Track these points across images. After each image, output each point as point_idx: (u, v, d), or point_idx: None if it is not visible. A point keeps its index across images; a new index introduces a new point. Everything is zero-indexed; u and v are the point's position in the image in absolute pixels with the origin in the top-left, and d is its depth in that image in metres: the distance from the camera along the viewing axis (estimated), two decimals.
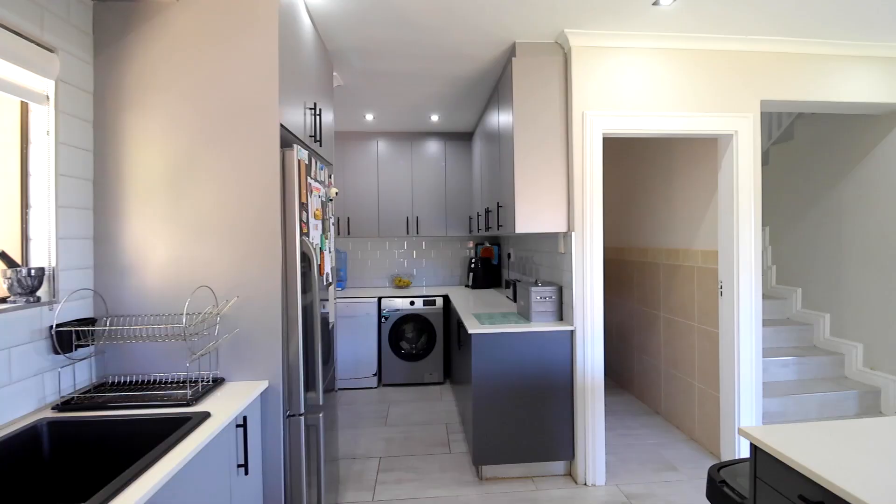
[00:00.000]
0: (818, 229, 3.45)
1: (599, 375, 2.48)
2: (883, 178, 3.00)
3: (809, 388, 2.98)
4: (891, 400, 2.91)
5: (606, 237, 4.30)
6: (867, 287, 3.08)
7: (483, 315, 2.83)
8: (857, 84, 2.71)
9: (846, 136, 3.25)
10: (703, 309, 2.87)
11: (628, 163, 3.92)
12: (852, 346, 3.16)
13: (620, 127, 2.52)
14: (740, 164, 2.60)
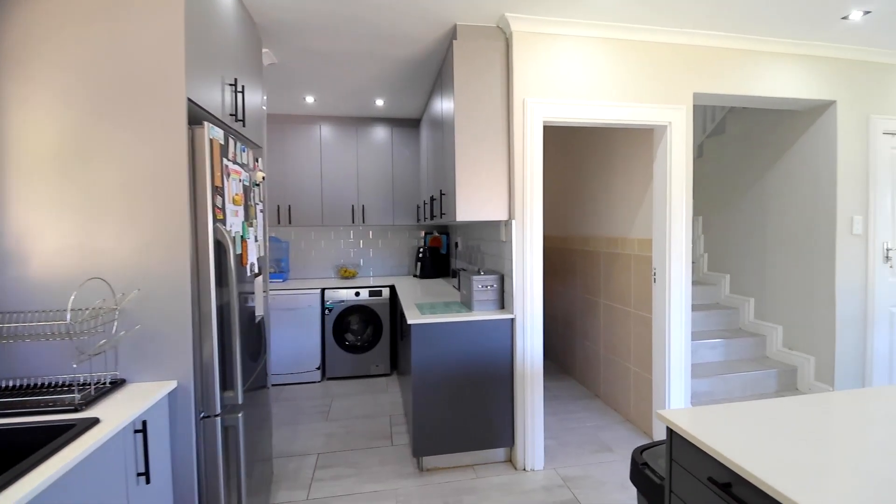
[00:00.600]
0: (745, 219, 3.65)
1: (539, 362, 2.50)
2: (802, 171, 3.19)
3: (734, 369, 3.16)
4: (805, 377, 3.14)
5: (553, 226, 4.36)
6: (787, 273, 3.30)
7: (426, 305, 2.78)
8: (783, 80, 2.85)
9: (772, 130, 3.43)
10: (639, 295, 2.96)
11: (573, 152, 3.97)
12: (773, 328, 3.38)
13: (560, 115, 2.52)
14: (673, 155, 2.68)
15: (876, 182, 3.01)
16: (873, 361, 3.02)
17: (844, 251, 2.97)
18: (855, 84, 2.97)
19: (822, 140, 3.05)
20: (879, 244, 3.03)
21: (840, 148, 2.96)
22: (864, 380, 3.02)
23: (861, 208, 3.00)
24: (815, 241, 3.08)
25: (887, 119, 3.02)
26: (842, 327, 2.98)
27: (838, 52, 2.90)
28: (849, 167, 2.98)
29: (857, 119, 2.98)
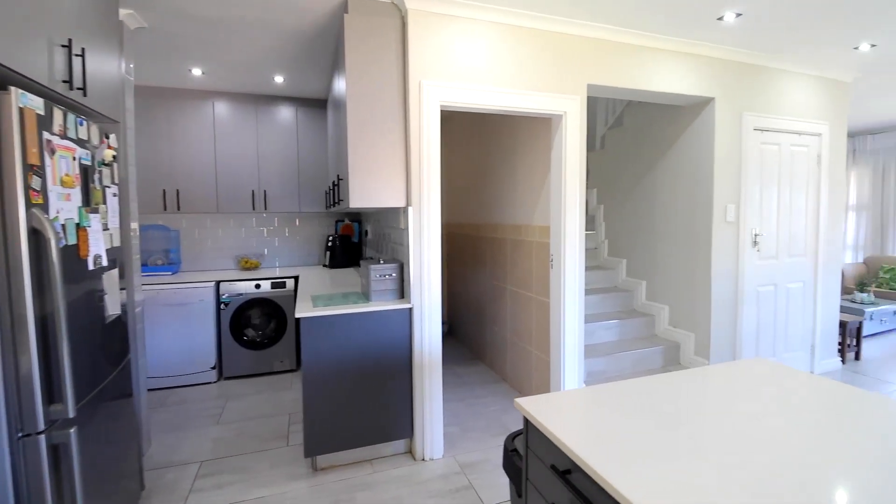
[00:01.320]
0: (639, 208, 3.88)
1: (437, 351, 2.47)
2: (686, 163, 3.44)
3: (627, 347, 3.37)
4: (687, 352, 3.42)
5: (465, 214, 4.36)
6: (673, 258, 3.56)
7: (322, 297, 2.64)
8: (670, 76, 3.02)
9: (662, 124, 3.66)
10: (539, 281, 3.04)
11: (483, 139, 3.97)
12: (661, 308, 3.64)
13: (458, 99, 2.47)
14: (568, 144, 2.74)
15: (747, 174, 3.32)
16: (742, 336, 3.36)
17: (719, 237, 3.25)
18: (731, 82, 3.23)
19: (702, 134, 3.29)
20: (749, 231, 3.36)
21: (717, 142, 3.21)
22: (734, 352, 3.35)
23: (734, 198, 3.29)
24: (695, 228, 3.34)
25: (757, 116, 3.33)
26: (716, 306, 3.27)
27: (717, 52, 3.13)
28: (724, 160, 3.25)
29: (732, 115, 3.25)
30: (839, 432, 1.02)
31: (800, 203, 3.59)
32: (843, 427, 1.04)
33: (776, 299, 3.52)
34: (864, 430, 1.03)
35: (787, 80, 3.45)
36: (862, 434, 1.01)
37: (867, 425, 1.05)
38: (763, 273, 3.44)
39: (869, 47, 3.10)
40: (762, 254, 3.43)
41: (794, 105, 3.50)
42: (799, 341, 3.65)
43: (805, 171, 3.60)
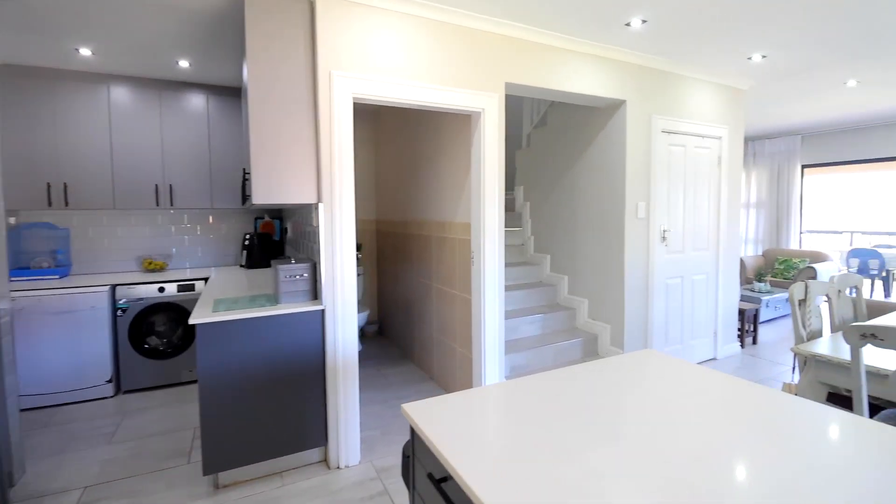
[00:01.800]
0: (562, 205, 4.00)
1: (353, 354, 2.38)
2: (602, 163, 3.58)
3: (549, 341, 3.46)
4: (604, 343, 3.58)
5: (393, 210, 4.28)
6: (591, 253, 3.70)
7: (227, 300, 2.45)
8: (585, 78, 3.11)
9: (581, 124, 3.78)
10: (462, 277, 3.03)
11: (408, 134, 3.91)
12: (581, 302, 3.78)
13: (372, 92, 2.38)
14: (487, 142, 2.74)
15: (656, 173, 3.51)
16: (653, 325, 3.56)
17: (631, 233, 3.42)
18: (640, 86, 3.40)
19: (615, 135, 3.44)
20: (658, 227, 3.56)
21: (629, 143, 3.37)
22: (646, 341, 3.55)
23: (644, 196, 3.47)
24: (610, 224, 3.49)
25: (665, 119, 3.53)
26: (629, 298, 3.44)
27: (627, 56, 3.28)
28: (635, 160, 3.41)
29: (642, 118, 3.42)
30: (721, 423, 1.06)
31: (703, 201, 3.87)
32: (727, 417, 1.09)
33: (683, 290, 3.77)
34: (742, 418, 1.08)
35: (690, 85, 3.69)
36: (741, 423, 1.06)
37: (744, 414, 1.11)
38: (671, 266, 3.67)
39: (760, 58, 3.38)
40: (670, 248, 3.66)
41: (698, 109, 3.75)
42: (704, 328, 3.94)
43: (707, 171, 3.88)
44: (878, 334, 1.55)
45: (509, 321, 3.47)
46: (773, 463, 0.87)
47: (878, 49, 3.20)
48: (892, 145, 5.73)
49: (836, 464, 0.86)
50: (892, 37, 2.95)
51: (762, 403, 1.15)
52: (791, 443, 0.94)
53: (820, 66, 3.57)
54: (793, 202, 6.68)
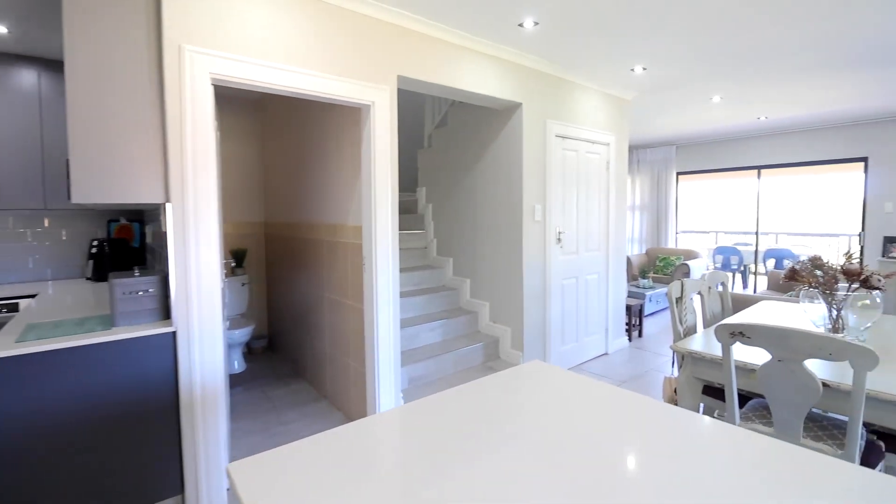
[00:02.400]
0: (463, 207, 3.92)
1: (219, 382, 2.02)
2: (500, 164, 3.55)
3: (450, 347, 3.34)
4: (505, 346, 3.55)
5: (281, 212, 3.88)
6: (492, 255, 3.65)
7: (46, 325, 1.94)
8: (482, 78, 3.03)
9: (480, 125, 3.73)
10: (354, 285, 2.78)
11: (297, 129, 3.55)
12: (483, 305, 3.72)
13: (239, 74, 2.04)
14: (377, 137, 2.53)
15: (551, 176, 3.56)
16: (551, 325, 3.62)
17: (529, 235, 3.43)
18: (535, 90, 3.42)
19: (512, 138, 3.42)
20: (553, 229, 3.62)
21: (525, 145, 3.37)
22: (544, 342, 3.59)
23: (540, 198, 3.51)
24: (509, 226, 3.47)
25: (559, 123, 3.60)
26: (528, 300, 3.45)
27: (523, 59, 3.27)
28: (531, 162, 3.43)
29: (537, 121, 3.45)
30: (605, 433, 0.96)
31: (594, 204, 4.03)
32: (608, 433, 0.99)
33: (577, 290, 3.89)
34: (623, 429, 0.99)
35: (582, 93, 3.82)
36: (623, 435, 0.96)
37: (624, 422, 1.02)
38: (566, 267, 3.77)
39: (642, 70, 3.59)
40: (565, 249, 3.75)
41: (588, 116, 3.90)
42: (596, 325, 4.12)
43: (597, 175, 4.06)
44: (745, 332, 1.61)
45: (409, 329, 3.29)
46: (656, 471, 0.77)
47: (737, 68, 3.56)
48: (750, 156, 6.57)
49: (709, 470, 0.79)
50: (750, 57, 3.29)
51: (643, 415, 1.09)
52: (672, 451, 0.86)
53: (691, 82, 3.89)
54: (670, 205, 7.38)
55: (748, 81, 3.89)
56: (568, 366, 3.84)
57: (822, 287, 2.08)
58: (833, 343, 1.42)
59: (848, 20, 2.69)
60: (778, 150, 6.24)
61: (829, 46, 3.10)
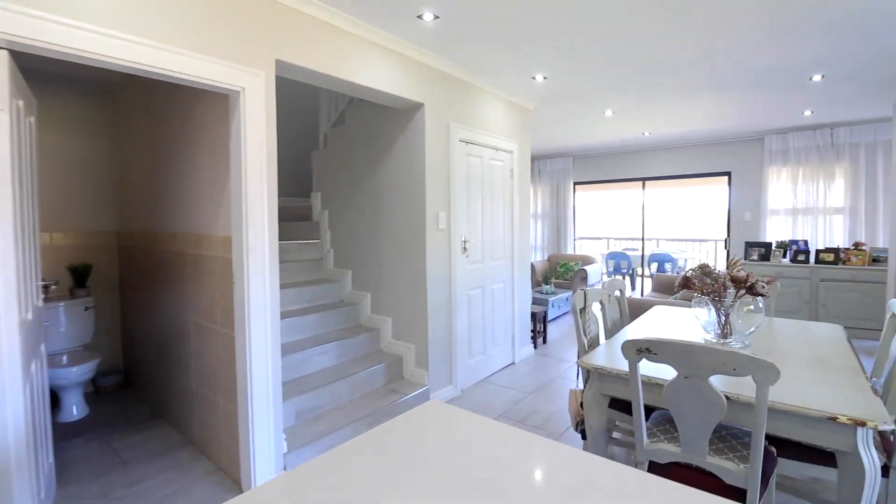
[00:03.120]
0: (364, 214, 3.59)
1: (14, 443, 1.47)
2: (403, 169, 3.29)
3: (347, 371, 2.98)
4: (409, 365, 3.27)
5: (138, 221, 3.21)
6: (394, 267, 3.37)
7: None
8: (378, 72, 2.74)
9: (381, 125, 3.44)
10: (224, 308, 2.32)
11: (155, 121, 2.96)
12: (385, 321, 3.42)
13: (51, 38, 1.53)
14: (249, 131, 2.12)
15: (455, 183, 3.39)
16: (457, 339, 3.42)
17: (433, 244, 3.21)
18: (438, 91, 3.23)
19: (415, 140, 3.19)
20: (458, 237, 3.45)
21: (427, 149, 3.15)
22: (450, 357, 3.38)
23: (445, 206, 3.31)
24: (412, 235, 3.22)
25: (463, 128, 3.44)
26: (433, 313, 3.22)
27: (426, 57, 3.06)
28: (435, 168, 3.22)
29: (440, 124, 3.25)
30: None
31: (499, 212, 3.95)
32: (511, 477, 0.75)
33: (484, 300, 3.76)
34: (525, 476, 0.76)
35: (487, 98, 3.72)
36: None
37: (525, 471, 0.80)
38: (472, 277, 3.62)
39: (542, 79, 3.58)
40: (471, 259, 3.60)
41: (493, 122, 3.81)
42: (503, 335, 4.03)
43: (502, 183, 3.99)
44: (652, 349, 1.52)
45: (297, 355, 2.87)
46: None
47: (627, 84, 3.71)
48: (636, 168, 7.10)
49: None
50: (639, 74, 3.43)
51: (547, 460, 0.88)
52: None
53: (587, 94, 4.00)
54: (568, 214, 7.73)
55: (637, 97, 4.11)
56: (476, 380, 3.68)
57: (712, 294, 2.12)
58: (736, 358, 1.37)
59: (711, 47, 2.88)
60: (659, 163, 6.82)
61: (701, 68, 3.34)
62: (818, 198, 5.45)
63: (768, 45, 2.96)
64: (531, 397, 3.41)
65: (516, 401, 3.34)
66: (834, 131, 5.29)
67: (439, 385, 3.29)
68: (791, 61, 3.23)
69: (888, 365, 1.98)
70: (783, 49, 3.02)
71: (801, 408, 1.46)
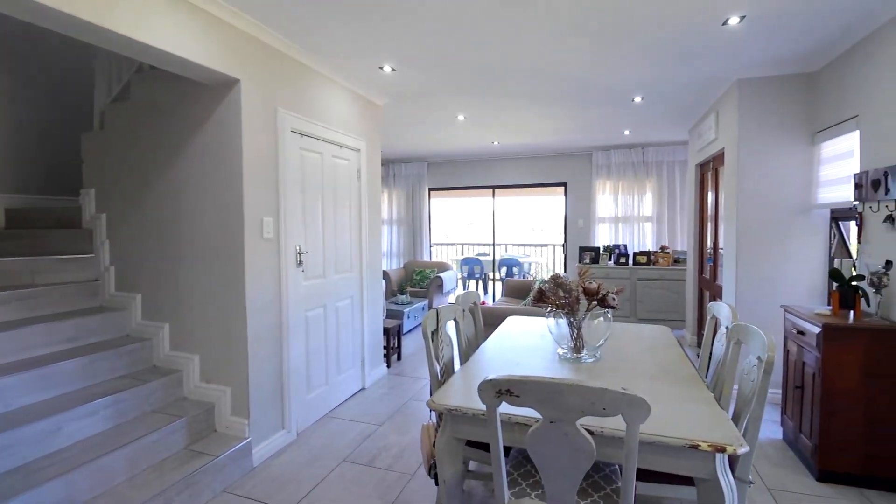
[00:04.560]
0: (157, 217, 2.73)
1: None
2: (213, 162, 2.56)
3: (126, 436, 2.15)
4: (223, 414, 2.55)
5: None
6: (203, 287, 2.61)
7: None
8: (169, 28, 2.02)
9: (180, 103, 2.65)
10: None
11: None
12: (190, 360, 2.63)
13: None
14: None
15: (287, 182, 2.79)
16: (290, 372, 2.81)
17: (256, 258, 2.56)
18: (262, 67, 2.60)
19: (230, 125, 2.50)
20: (292, 248, 2.85)
21: (247, 139, 2.50)
22: (282, 396, 2.76)
23: (272, 210, 2.69)
24: (227, 247, 2.52)
25: (297, 117, 2.86)
26: (256, 344, 2.57)
27: (242, 21, 2.41)
28: (257, 162, 2.58)
29: (265, 108, 2.63)
30: None
31: (345, 218, 3.45)
32: None
33: (326, 321, 3.21)
34: None
35: (327, 86, 3.19)
36: None
37: None
38: (311, 295, 3.04)
39: (391, 70, 3.20)
40: (309, 273, 3.02)
41: (336, 115, 3.30)
42: (351, 359, 3.53)
43: (347, 185, 3.50)
44: (513, 390, 1.23)
45: (42, 423, 1.95)
46: None
47: (474, 89, 3.57)
48: (487, 176, 7.25)
49: None
50: (484, 80, 3.30)
51: None
52: None
53: (438, 93, 3.76)
54: (424, 220, 7.58)
55: (485, 104, 4.03)
56: (317, 416, 3.11)
57: (566, 308, 1.98)
58: (607, 396, 1.14)
59: (549, 60, 2.88)
60: (507, 173, 7.09)
61: (541, 80, 3.36)
62: (634, 207, 6.22)
63: (599, 65, 3.07)
64: (383, 429, 2.99)
65: (365, 436, 2.88)
66: (644, 150, 6.08)
67: (267, 433, 2.64)
68: (618, 81, 3.44)
69: (714, 365, 2.08)
70: (611, 69, 3.17)
71: (663, 437, 1.31)
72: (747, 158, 3.29)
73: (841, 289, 2.45)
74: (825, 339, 2.29)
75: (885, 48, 2.37)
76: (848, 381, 2.27)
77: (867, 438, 2.26)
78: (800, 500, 2.21)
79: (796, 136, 3.19)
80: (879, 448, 2.24)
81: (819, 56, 2.92)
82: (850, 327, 2.25)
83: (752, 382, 1.62)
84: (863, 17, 2.40)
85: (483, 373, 1.89)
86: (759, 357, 1.58)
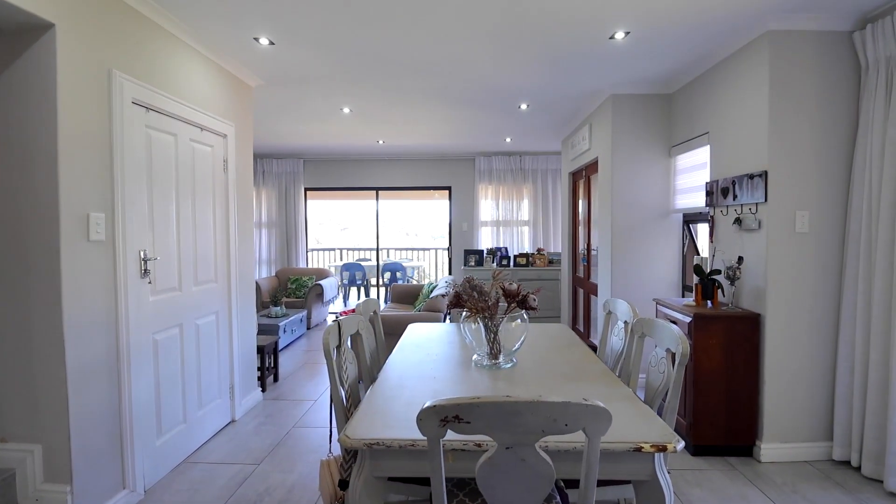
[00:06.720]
0: None
1: None
2: (10, 133, 1.84)
3: None
4: (33, 481, 1.83)
5: None
6: None
7: None
8: None
9: None
10: None
11: None
12: None
13: None
14: None
15: (126, 167, 2.15)
16: (134, 414, 2.17)
17: (79, 266, 1.90)
18: (92, 15, 1.96)
19: (34, 87, 1.82)
20: (134, 254, 2.21)
21: (63, 107, 1.84)
22: (121, 445, 2.10)
23: (104, 204, 2.04)
24: (33, 252, 1.83)
25: (140, 86, 2.23)
26: (80, 380, 1.91)
27: None
28: (82, 140, 1.93)
29: (92, 69, 1.98)
30: None
31: (207, 216, 2.85)
32: None
33: (183, 344, 2.59)
34: None
35: (186, 54, 2.59)
36: None
37: None
38: (162, 312, 2.41)
39: (268, 43, 2.74)
40: (159, 286, 2.39)
41: (197, 90, 2.70)
42: (217, 387, 2.92)
43: (212, 177, 2.90)
44: (462, 416, 1.01)
45: None
46: None
47: (364, 78, 3.28)
48: (370, 178, 6.92)
49: None
50: (375, 69, 3.04)
51: None
52: None
53: (322, 81, 3.37)
54: (300, 222, 6.93)
55: (372, 97, 3.76)
56: (174, 463, 2.47)
57: (486, 311, 1.83)
58: (569, 411, 0.99)
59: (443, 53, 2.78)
60: (391, 174, 6.87)
61: (433, 75, 3.24)
62: (513, 212, 6.52)
63: (494, 65, 3.05)
64: (262, 468, 2.50)
65: (240, 481, 2.37)
66: (522, 158, 6.42)
67: (99, 498, 1.98)
68: (510, 85, 3.49)
69: (611, 358, 2.13)
70: (505, 72, 3.18)
71: (609, 443, 1.22)
72: (620, 167, 3.60)
73: (702, 282, 2.76)
74: (696, 327, 2.55)
75: (729, 76, 2.76)
76: (712, 362, 2.56)
77: (727, 413, 2.57)
78: (682, 476, 2.40)
79: (658, 149, 3.59)
80: (735, 420, 2.56)
81: (675, 80, 3.32)
82: (714, 315, 2.55)
83: (661, 374, 1.66)
84: (712, 49, 2.77)
85: (399, 392, 1.63)
86: (670, 349, 1.62)
